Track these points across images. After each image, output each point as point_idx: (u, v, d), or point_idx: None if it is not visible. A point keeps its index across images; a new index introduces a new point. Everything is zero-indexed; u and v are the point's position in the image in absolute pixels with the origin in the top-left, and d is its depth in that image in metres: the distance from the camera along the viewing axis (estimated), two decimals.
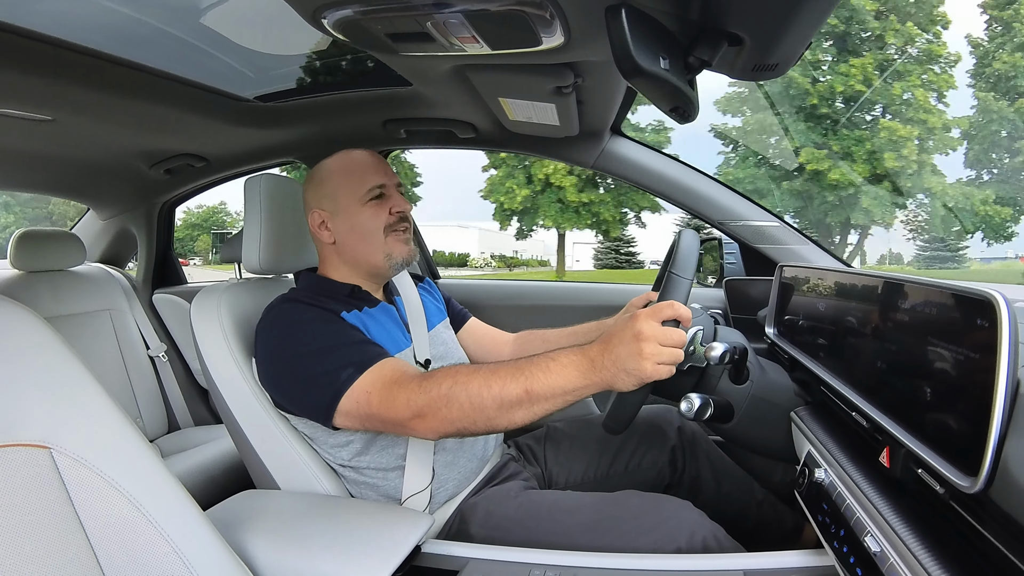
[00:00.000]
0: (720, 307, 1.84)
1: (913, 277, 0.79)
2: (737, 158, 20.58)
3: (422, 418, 0.98)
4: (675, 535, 1.01)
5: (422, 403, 0.97)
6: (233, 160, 2.19)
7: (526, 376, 0.94)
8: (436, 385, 0.97)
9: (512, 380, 0.94)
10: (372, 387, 1.02)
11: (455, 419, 0.96)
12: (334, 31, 0.99)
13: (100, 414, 0.72)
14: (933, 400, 0.70)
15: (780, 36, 0.83)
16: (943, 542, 0.66)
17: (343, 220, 1.23)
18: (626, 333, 0.91)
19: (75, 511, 0.64)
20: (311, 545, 0.94)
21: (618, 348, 0.91)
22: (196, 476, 1.84)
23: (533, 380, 0.93)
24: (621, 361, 0.90)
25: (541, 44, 1.00)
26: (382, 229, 1.23)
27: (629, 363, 0.90)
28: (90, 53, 1.26)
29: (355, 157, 1.27)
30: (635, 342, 0.89)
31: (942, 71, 17.97)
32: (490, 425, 0.97)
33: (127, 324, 2.36)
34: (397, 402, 0.99)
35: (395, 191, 1.27)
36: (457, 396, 0.95)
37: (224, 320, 1.22)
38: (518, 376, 0.94)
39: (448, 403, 0.95)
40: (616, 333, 0.93)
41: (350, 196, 1.23)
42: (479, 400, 0.94)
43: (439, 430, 0.99)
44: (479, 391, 0.94)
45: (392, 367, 1.05)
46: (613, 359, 0.91)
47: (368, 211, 1.23)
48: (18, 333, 0.69)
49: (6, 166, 2.04)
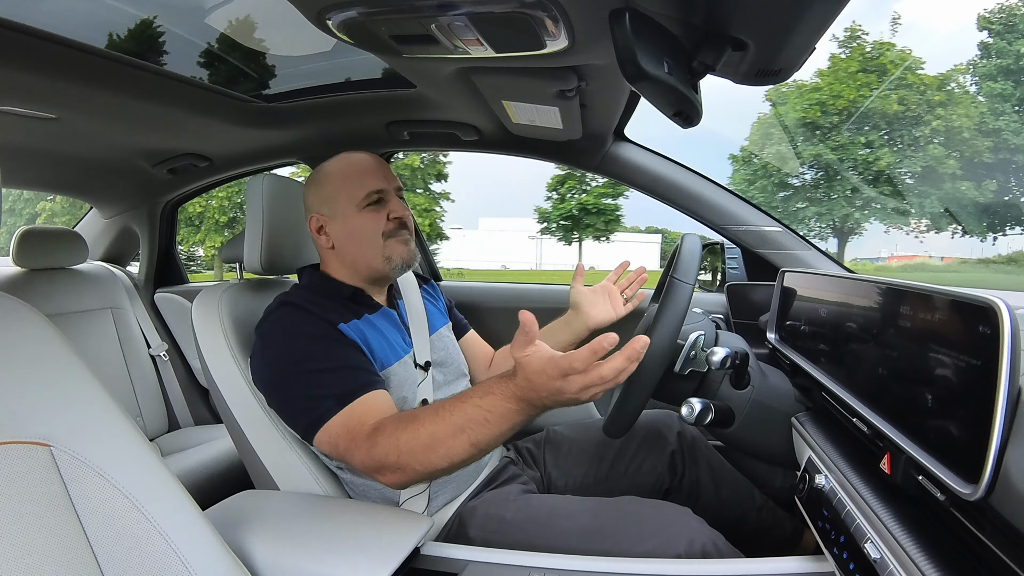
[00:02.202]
0: (722, 312, 1.84)
1: (915, 283, 0.79)
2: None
3: (381, 475, 0.99)
4: (674, 542, 1.01)
5: (376, 466, 0.98)
6: (236, 160, 2.19)
7: (468, 433, 0.92)
8: (384, 454, 0.96)
9: (455, 440, 0.93)
10: (340, 430, 1.03)
11: (410, 478, 0.98)
12: (338, 32, 1.00)
13: (101, 412, 0.72)
14: (934, 407, 0.70)
15: (784, 41, 0.83)
16: (943, 549, 0.66)
17: (340, 225, 1.23)
18: (548, 387, 0.86)
19: (74, 508, 0.64)
20: (309, 546, 0.94)
21: (544, 394, 0.87)
22: (195, 475, 1.85)
23: (477, 435, 0.92)
24: (554, 398, 0.87)
25: (545, 47, 1.00)
26: (380, 235, 1.23)
27: (562, 398, 0.86)
28: (95, 52, 1.26)
29: (354, 160, 1.26)
30: (560, 394, 0.86)
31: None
32: (446, 472, 0.97)
33: (128, 322, 2.37)
34: (355, 459, 1.01)
35: (394, 196, 1.26)
36: (406, 462, 0.95)
37: (225, 320, 1.22)
38: (460, 435, 0.92)
39: (401, 468, 0.96)
40: (536, 385, 0.87)
41: (348, 201, 1.22)
42: (428, 462, 0.94)
43: (403, 484, 1.00)
44: (427, 455, 0.94)
45: (360, 415, 1.04)
46: (545, 396, 0.87)
47: (365, 216, 1.22)
48: (20, 330, 0.69)
49: (11, 164, 2.04)
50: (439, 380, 1.32)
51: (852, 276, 1.06)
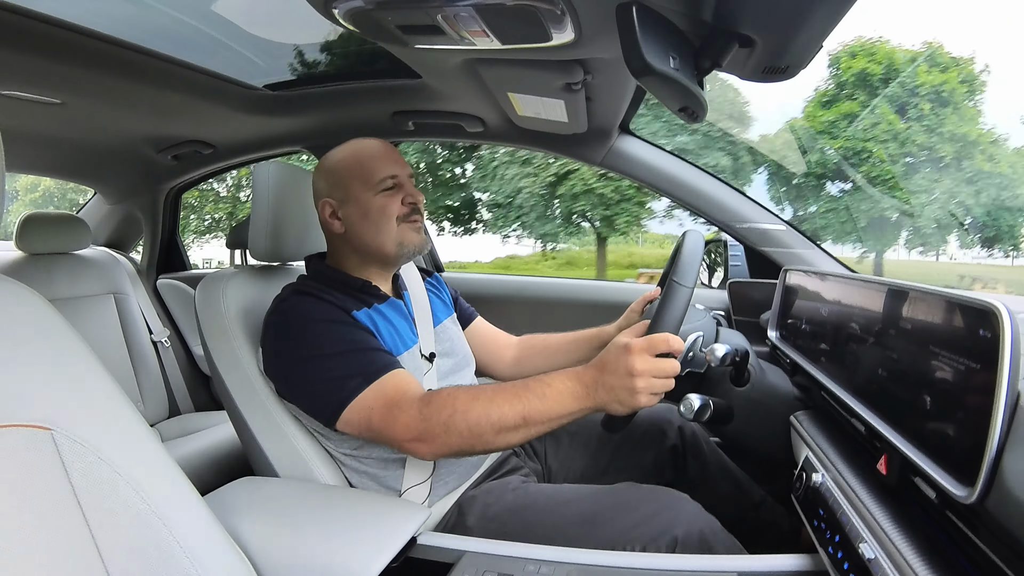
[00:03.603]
0: (723, 309, 1.84)
1: (917, 285, 0.79)
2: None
3: (421, 442, 1.00)
4: (671, 526, 1.01)
5: (421, 429, 0.99)
6: (240, 148, 2.20)
7: (523, 403, 0.97)
8: (436, 412, 0.99)
9: (510, 407, 0.97)
10: (375, 403, 1.04)
11: (453, 444, 0.99)
12: (345, 21, 1.00)
13: (102, 397, 0.72)
14: (932, 409, 0.70)
15: (792, 38, 0.83)
16: (937, 551, 0.66)
17: (354, 209, 1.22)
18: (620, 366, 0.95)
19: (74, 492, 0.64)
20: (306, 533, 0.95)
21: (612, 379, 0.95)
22: (196, 461, 1.85)
23: (530, 407, 0.97)
24: (615, 392, 0.95)
25: (551, 40, 1.00)
26: (395, 218, 1.23)
27: (623, 395, 0.95)
28: (100, 37, 1.26)
29: (367, 146, 1.26)
30: (629, 377, 0.94)
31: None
32: (486, 448, 1.01)
33: (131, 308, 2.38)
34: (396, 424, 1.01)
35: (407, 181, 1.26)
36: (456, 424, 0.97)
37: (228, 307, 1.22)
38: (515, 403, 0.97)
39: (447, 431, 0.98)
40: (610, 362, 0.96)
41: (362, 185, 1.21)
42: (478, 428, 0.97)
43: (437, 453, 1.02)
44: (478, 419, 0.97)
45: (395, 385, 1.05)
46: (607, 388, 0.96)
47: (380, 200, 1.22)
48: (21, 314, 0.69)
49: (16, 148, 2.05)
50: (443, 370, 1.32)
51: (855, 276, 1.06)
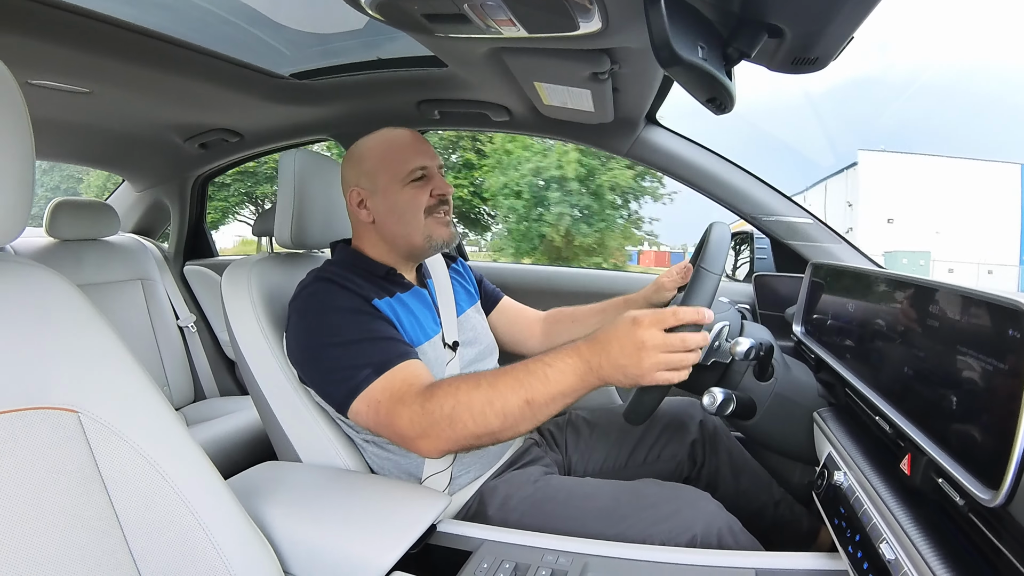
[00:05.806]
0: (748, 302, 1.82)
1: (944, 282, 0.77)
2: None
3: (426, 438, 0.98)
4: (691, 524, 1.01)
5: (425, 424, 0.97)
6: (267, 136, 2.22)
7: (525, 388, 0.94)
8: (438, 406, 0.97)
9: (512, 393, 0.95)
10: (382, 395, 1.03)
11: (459, 438, 0.97)
12: (371, 11, 0.99)
13: (129, 381, 0.73)
14: (958, 409, 0.68)
15: (822, 29, 0.81)
16: (959, 554, 0.65)
17: (382, 200, 1.23)
18: (627, 340, 0.92)
19: (100, 473, 0.66)
20: (327, 518, 0.96)
21: (617, 354, 0.92)
22: (219, 445, 1.89)
23: (533, 391, 0.94)
24: (620, 367, 0.92)
25: (578, 29, 0.99)
26: (422, 211, 1.23)
27: (629, 369, 0.91)
28: (128, 27, 1.27)
29: (397, 136, 1.26)
30: (635, 351, 0.90)
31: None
32: (495, 439, 0.98)
33: (158, 294, 2.42)
34: (401, 420, 1.00)
35: (437, 173, 1.26)
36: (460, 416, 0.95)
37: (254, 293, 1.24)
38: (518, 388, 0.95)
39: (452, 424, 0.96)
40: (618, 337, 0.93)
41: (391, 176, 1.22)
42: (483, 418, 0.95)
43: (443, 449, 0.99)
44: (483, 408, 0.95)
45: (403, 377, 1.04)
46: (611, 362, 0.92)
47: (409, 192, 1.22)
48: (50, 298, 0.70)
49: (45, 137, 2.09)
50: (467, 358, 1.32)
51: (882, 272, 1.04)
